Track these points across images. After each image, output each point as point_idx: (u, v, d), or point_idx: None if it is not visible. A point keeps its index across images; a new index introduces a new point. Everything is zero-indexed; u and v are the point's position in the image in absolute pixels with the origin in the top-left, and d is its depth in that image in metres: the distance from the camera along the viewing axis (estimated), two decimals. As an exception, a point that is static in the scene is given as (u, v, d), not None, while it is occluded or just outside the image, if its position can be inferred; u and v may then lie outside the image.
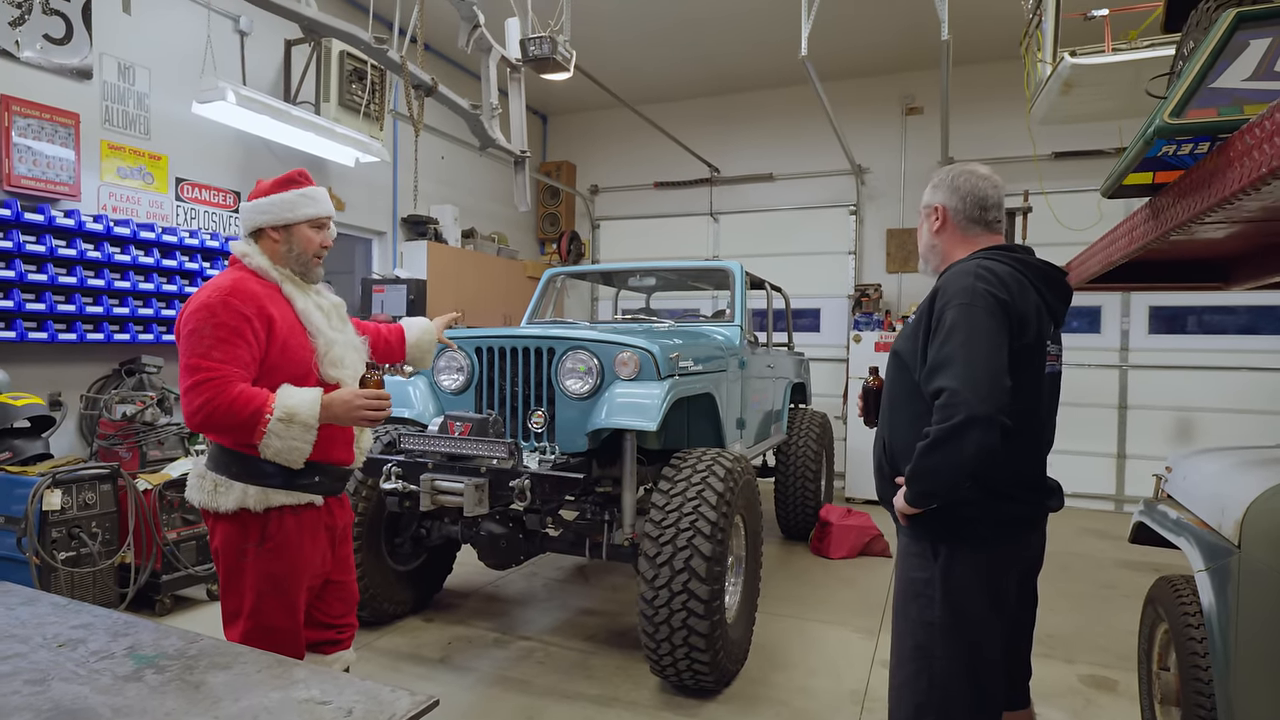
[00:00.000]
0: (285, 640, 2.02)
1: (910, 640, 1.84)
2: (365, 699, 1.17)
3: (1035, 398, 1.77)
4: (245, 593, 1.99)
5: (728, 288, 4.62)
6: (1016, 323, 1.68)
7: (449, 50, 7.02)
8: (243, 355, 1.89)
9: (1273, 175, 1.14)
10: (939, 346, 1.67)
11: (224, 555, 2.01)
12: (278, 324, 1.97)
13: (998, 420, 1.57)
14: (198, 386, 1.83)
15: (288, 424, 1.87)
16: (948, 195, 1.91)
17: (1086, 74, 3.27)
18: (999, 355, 1.62)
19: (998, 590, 1.78)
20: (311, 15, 3.14)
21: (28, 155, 4.00)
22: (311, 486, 2.03)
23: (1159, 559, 4.90)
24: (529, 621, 3.91)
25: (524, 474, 3.02)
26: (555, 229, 8.92)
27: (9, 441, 3.68)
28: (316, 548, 2.09)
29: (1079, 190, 6.54)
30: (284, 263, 2.07)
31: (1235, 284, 2.68)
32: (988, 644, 1.79)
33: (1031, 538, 1.93)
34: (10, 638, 1.39)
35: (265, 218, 2.05)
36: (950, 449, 1.60)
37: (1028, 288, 1.75)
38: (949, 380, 1.61)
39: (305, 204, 2.08)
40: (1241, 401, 6.52)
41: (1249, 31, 1.32)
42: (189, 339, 1.88)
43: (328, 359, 2.05)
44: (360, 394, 1.97)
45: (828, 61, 6.92)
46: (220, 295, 1.90)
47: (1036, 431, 1.82)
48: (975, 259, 1.80)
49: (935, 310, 1.74)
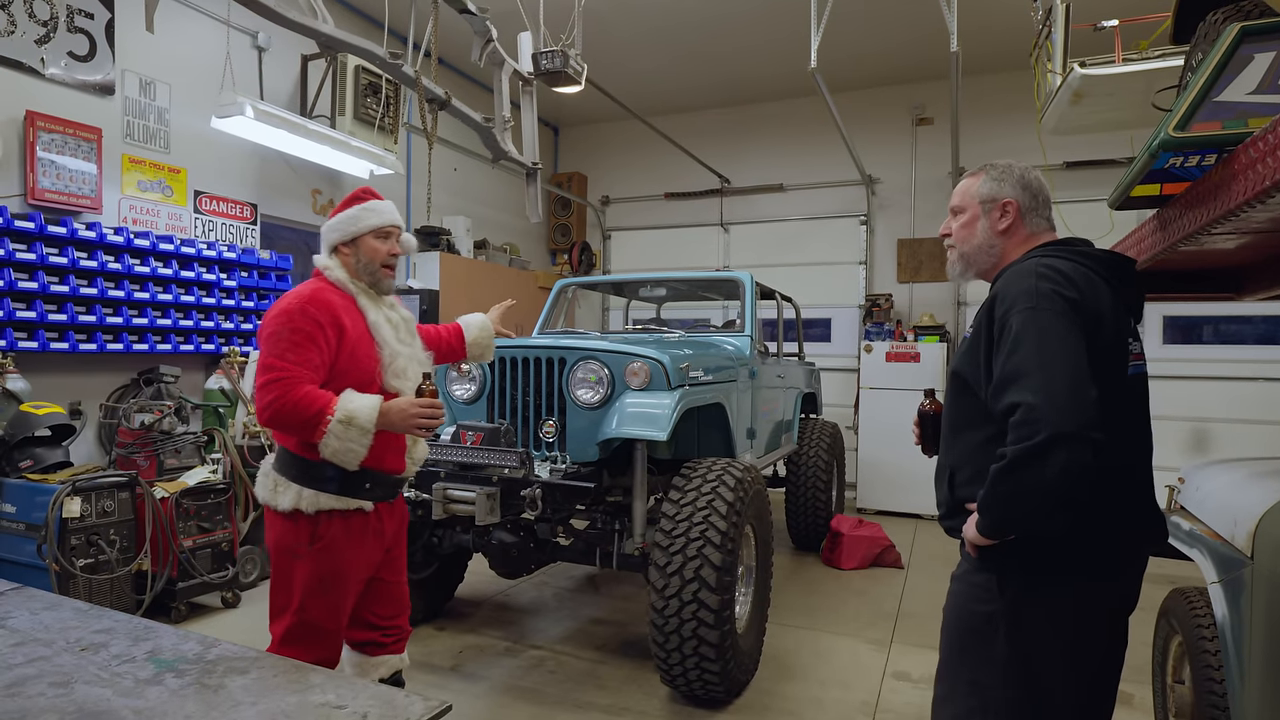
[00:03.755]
0: (325, 640, 2.12)
1: (967, 674, 1.61)
2: (380, 704, 1.19)
3: (1122, 404, 1.54)
4: (294, 589, 2.09)
5: (738, 298, 4.64)
6: (1092, 322, 1.48)
7: (462, 64, 7.11)
8: (313, 359, 2.01)
9: (1277, 188, 1.15)
10: (1006, 358, 1.46)
11: (277, 551, 2.12)
12: (348, 333, 2.10)
13: (1087, 436, 1.35)
14: (270, 384, 1.96)
15: (346, 426, 1.97)
16: (1018, 189, 1.69)
17: (1096, 84, 3.28)
18: (1078, 361, 1.41)
19: (1078, 640, 1.53)
20: (328, 32, 3.20)
21: (51, 169, 4.09)
22: (363, 493, 2.12)
23: (1174, 571, 4.83)
24: (540, 630, 3.92)
25: (535, 483, 3.04)
26: (567, 240, 8.97)
27: (30, 450, 3.74)
28: (363, 552, 2.17)
29: (1090, 200, 6.52)
30: (357, 275, 2.20)
31: (1247, 294, 2.67)
32: (1062, 697, 1.54)
33: (1127, 582, 1.61)
34: (35, 641, 1.42)
35: (335, 235, 2.20)
36: (1031, 472, 1.38)
37: (1097, 282, 1.54)
38: (1023, 394, 1.40)
39: (368, 216, 2.21)
40: (1258, 412, 6.45)
41: (1254, 45, 1.33)
42: (268, 340, 2.01)
43: (391, 370, 2.17)
44: (416, 403, 2.07)
45: (838, 73, 6.95)
46: (300, 303, 2.04)
47: (1128, 444, 1.56)
48: (1032, 258, 1.59)
49: (996, 319, 1.53)
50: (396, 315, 2.27)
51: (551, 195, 8.92)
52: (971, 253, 1.74)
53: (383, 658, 2.33)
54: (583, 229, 9.12)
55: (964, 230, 1.75)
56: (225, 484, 4.12)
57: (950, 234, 1.79)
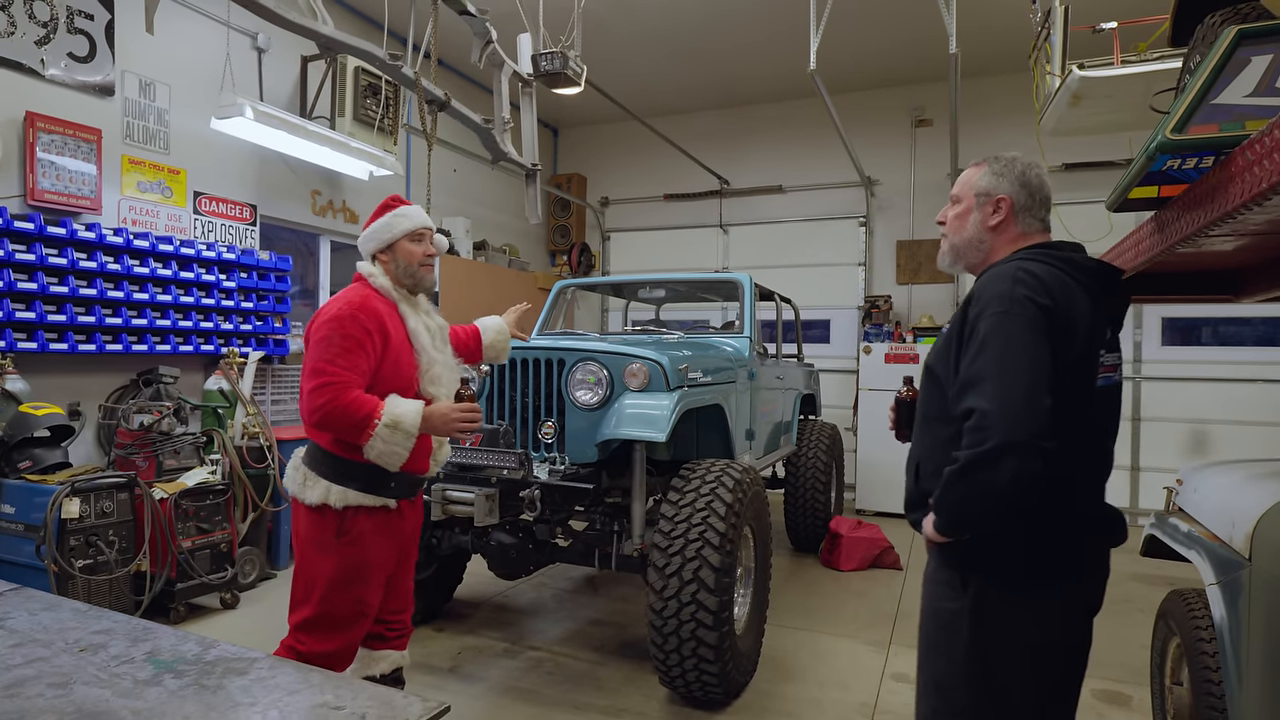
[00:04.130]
0: (343, 632, 2.18)
1: (931, 675, 1.66)
2: (378, 705, 1.19)
3: (1087, 415, 1.56)
4: (317, 581, 2.15)
5: (737, 299, 4.64)
6: (1062, 332, 1.48)
7: (462, 65, 7.12)
8: (361, 364, 2.10)
9: (1274, 190, 1.16)
10: (971, 360, 1.50)
11: (302, 542, 2.19)
12: (392, 340, 2.19)
13: (1036, 446, 1.39)
14: (321, 388, 2.04)
15: (393, 430, 2.07)
16: (1015, 187, 1.66)
17: (1095, 86, 3.28)
18: (1038, 372, 1.44)
19: (1037, 640, 1.55)
20: (328, 33, 3.20)
21: (51, 170, 4.09)
22: (388, 491, 2.20)
23: (1173, 572, 4.85)
24: (538, 632, 3.92)
25: (534, 484, 3.04)
26: (566, 241, 8.98)
27: (29, 450, 3.74)
28: (388, 548, 2.25)
29: (1089, 201, 6.53)
30: (399, 281, 2.30)
31: (1246, 296, 2.67)
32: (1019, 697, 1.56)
33: (1089, 580, 1.63)
34: (34, 642, 1.42)
35: (373, 244, 2.30)
36: (982, 478, 1.42)
37: (1076, 290, 1.54)
38: (980, 400, 1.43)
39: (400, 221, 2.29)
40: (1256, 413, 6.46)
41: (1250, 48, 1.33)
42: (319, 345, 2.09)
43: (428, 376, 2.27)
44: (456, 408, 2.19)
45: (837, 74, 6.96)
46: (350, 309, 2.13)
47: (1091, 454, 1.59)
48: (1015, 260, 1.59)
49: (969, 320, 1.55)
50: (433, 323, 2.36)
51: (551, 196, 8.93)
52: (961, 245, 1.75)
53: (385, 652, 2.38)
54: (582, 230, 9.13)
55: (957, 221, 1.75)
56: (224, 485, 4.12)
57: (945, 221, 1.80)
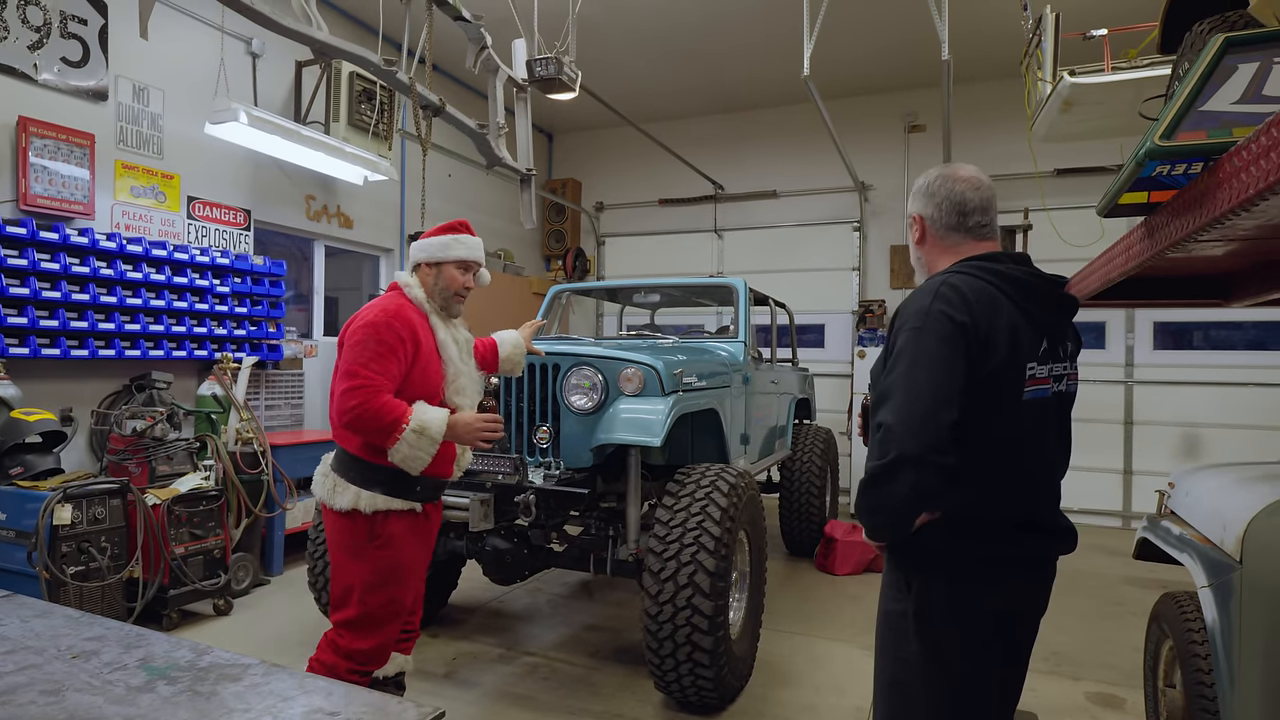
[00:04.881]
0: (382, 630, 2.26)
1: (886, 676, 1.69)
2: (373, 711, 1.19)
3: (1015, 428, 1.57)
4: (354, 583, 2.24)
5: (732, 304, 4.65)
6: (979, 346, 1.50)
7: (456, 71, 7.13)
8: (393, 370, 2.18)
9: (1261, 196, 1.17)
10: (885, 375, 1.55)
11: (335, 547, 2.28)
12: (423, 349, 2.28)
13: (930, 460, 1.42)
14: (354, 390, 2.12)
15: (419, 435, 2.15)
16: (924, 203, 1.75)
17: (1086, 93, 3.31)
18: (943, 387, 1.46)
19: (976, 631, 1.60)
20: (323, 39, 3.20)
21: (44, 175, 4.08)
22: (413, 495, 2.28)
23: (1166, 575, 4.87)
24: (533, 637, 3.91)
25: (529, 489, 3.04)
26: (561, 246, 8.99)
27: (21, 456, 3.72)
28: (421, 548, 2.36)
29: (1081, 206, 6.57)
30: (432, 295, 2.39)
31: (1236, 301, 2.69)
32: (970, 688, 1.61)
33: (1024, 584, 1.66)
34: (26, 649, 1.41)
35: (423, 254, 2.40)
36: (884, 489, 1.47)
37: (1000, 304, 1.55)
38: (886, 414, 1.48)
39: (457, 247, 2.40)
40: (1248, 417, 6.50)
41: (1237, 55, 1.35)
42: (354, 349, 2.17)
43: (454, 386, 2.37)
44: (480, 418, 2.29)
45: (830, 80, 6.99)
46: (385, 316, 2.21)
47: (1023, 465, 1.60)
48: (945, 274, 1.63)
49: (892, 334, 1.60)
50: (461, 336, 2.45)
51: (546, 201, 8.93)
52: (914, 266, 1.86)
53: (391, 654, 2.42)
54: (577, 235, 9.14)
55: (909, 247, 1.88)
56: (217, 491, 4.10)
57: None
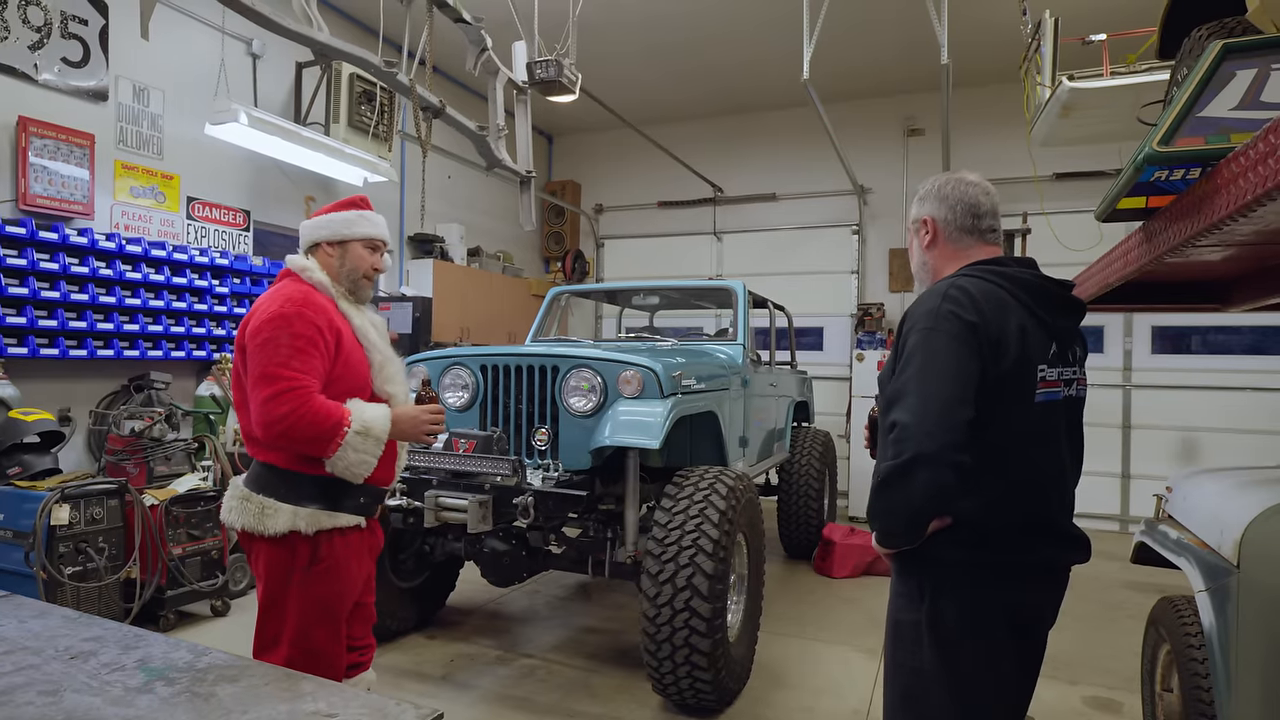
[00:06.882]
0: (328, 665, 1.97)
1: (898, 689, 1.66)
2: (371, 712, 1.19)
3: (1026, 430, 1.56)
4: (288, 618, 1.93)
5: (730, 306, 4.66)
6: (990, 347, 1.50)
7: (457, 73, 7.13)
8: (318, 366, 1.90)
9: (1258, 201, 1.17)
10: (897, 376, 1.55)
11: (267, 579, 1.95)
12: (344, 338, 2.00)
13: (947, 458, 1.41)
14: (280, 396, 1.81)
15: (364, 437, 1.89)
16: (936, 206, 1.74)
17: (1085, 97, 3.32)
18: (957, 386, 1.47)
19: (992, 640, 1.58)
20: (323, 40, 3.21)
21: (43, 175, 4.08)
22: (357, 508, 2.02)
23: (1164, 579, 4.87)
24: (531, 639, 3.91)
25: (527, 491, 3.03)
26: (560, 248, 8.99)
27: (18, 456, 3.71)
28: (362, 569, 2.09)
29: (1080, 211, 6.58)
30: (338, 279, 2.11)
31: (1234, 305, 2.70)
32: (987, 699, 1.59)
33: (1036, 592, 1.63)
34: (23, 649, 1.41)
35: (324, 232, 2.11)
36: (898, 490, 1.47)
37: (1009, 306, 1.55)
38: (901, 414, 1.48)
39: (362, 223, 2.13)
40: (1245, 421, 6.51)
41: (1236, 62, 1.36)
42: (265, 348, 1.87)
43: (383, 375, 2.09)
44: (423, 410, 2.05)
45: (830, 84, 7.00)
46: (294, 306, 1.91)
47: (1034, 469, 1.59)
48: (953, 276, 1.63)
49: (901, 337, 1.61)
50: (377, 319, 2.20)
51: (545, 203, 8.94)
52: (916, 271, 1.84)
53: (359, 676, 2.23)
54: (576, 237, 9.14)
55: (909, 250, 1.87)
56: (215, 491, 4.09)
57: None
